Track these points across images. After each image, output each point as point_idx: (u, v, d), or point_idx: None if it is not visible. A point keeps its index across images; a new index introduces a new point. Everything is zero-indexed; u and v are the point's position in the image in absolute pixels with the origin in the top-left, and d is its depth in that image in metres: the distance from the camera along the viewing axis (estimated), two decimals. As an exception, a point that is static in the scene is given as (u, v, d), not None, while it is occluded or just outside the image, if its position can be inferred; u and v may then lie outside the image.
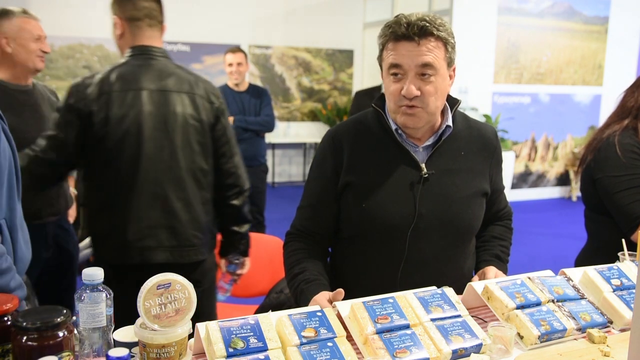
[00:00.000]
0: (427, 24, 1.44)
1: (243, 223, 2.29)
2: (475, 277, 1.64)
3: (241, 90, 4.66)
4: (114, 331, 1.18)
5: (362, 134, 1.60)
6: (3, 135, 1.44)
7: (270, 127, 4.74)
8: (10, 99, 2.41)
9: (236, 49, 4.65)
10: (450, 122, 1.58)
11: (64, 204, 2.63)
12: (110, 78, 2.03)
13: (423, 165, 1.55)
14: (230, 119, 4.24)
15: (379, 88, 4.16)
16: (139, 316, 1.11)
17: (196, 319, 1.16)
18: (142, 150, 2.01)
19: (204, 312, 2.10)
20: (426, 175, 1.54)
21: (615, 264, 1.61)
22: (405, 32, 1.44)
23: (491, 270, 1.61)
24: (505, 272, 1.66)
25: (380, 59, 1.55)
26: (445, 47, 1.48)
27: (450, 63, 1.52)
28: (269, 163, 8.99)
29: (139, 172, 2.02)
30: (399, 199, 1.53)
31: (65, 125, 1.99)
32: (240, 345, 1.10)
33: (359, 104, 4.20)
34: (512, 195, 7.72)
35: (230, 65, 4.57)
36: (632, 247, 1.71)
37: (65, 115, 2.00)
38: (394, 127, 1.56)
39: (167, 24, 2.40)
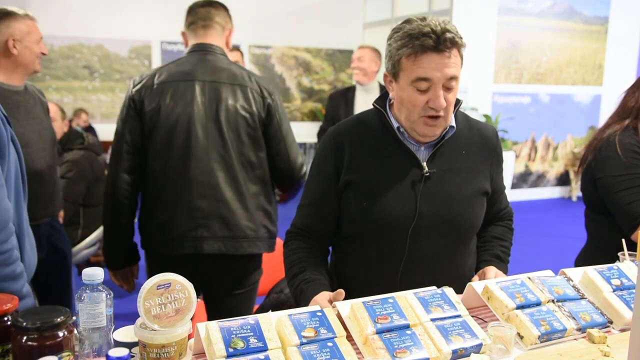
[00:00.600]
0: (453, 35, 1.43)
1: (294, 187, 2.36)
2: (475, 277, 1.64)
3: None
4: (114, 331, 1.18)
5: (363, 132, 1.60)
6: (11, 142, 1.45)
7: None
8: (6, 100, 2.38)
9: (232, 48, 4.61)
10: (454, 123, 1.58)
11: (57, 205, 2.63)
12: (165, 70, 2.15)
13: (424, 164, 1.55)
14: None
15: (353, 88, 4.21)
16: None
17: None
18: (192, 140, 2.06)
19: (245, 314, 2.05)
20: (427, 174, 1.54)
21: (615, 264, 1.61)
22: (434, 44, 1.41)
23: (491, 270, 1.61)
24: (505, 272, 1.66)
25: (397, 67, 1.49)
26: (461, 54, 1.49)
27: None
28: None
29: (190, 161, 2.06)
30: (400, 197, 1.53)
31: (125, 118, 2.11)
32: (240, 345, 1.10)
33: (333, 105, 4.23)
34: (512, 195, 7.72)
35: None
36: (632, 247, 1.71)
37: (123, 109, 2.12)
38: (395, 125, 1.56)
39: (167, 24, 2.43)
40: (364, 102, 4.04)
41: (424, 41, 1.41)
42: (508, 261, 1.73)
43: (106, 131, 7.98)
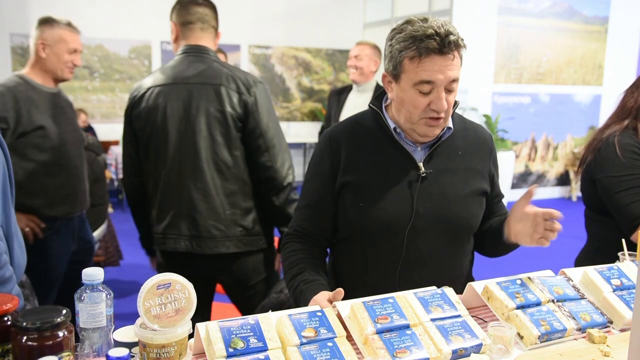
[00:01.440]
0: (456, 37, 1.43)
1: (288, 223, 2.26)
2: (510, 220, 1.51)
3: None
4: (114, 331, 1.18)
5: (359, 133, 1.61)
6: None
7: None
8: (45, 100, 2.56)
9: (221, 50, 4.51)
10: (451, 124, 1.58)
11: (87, 199, 2.84)
12: (153, 75, 2.24)
13: (421, 165, 1.55)
14: None
15: (349, 88, 4.06)
16: None
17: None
18: (166, 142, 2.14)
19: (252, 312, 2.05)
20: (424, 175, 1.54)
21: (615, 264, 1.61)
22: (438, 46, 1.41)
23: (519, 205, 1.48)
24: None
25: (399, 68, 1.48)
26: (461, 56, 1.49)
27: None
28: (269, 163, 9.00)
29: (165, 163, 2.15)
30: (397, 198, 1.53)
31: (124, 125, 2.25)
32: (240, 345, 1.10)
33: (329, 104, 4.16)
34: (512, 195, 7.71)
35: None
36: (632, 247, 1.71)
37: (125, 111, 2.25)
38: (392, 126, 1.56)
39: (167, 24, 2.46)
40: (353, 105, 3.84)
41: (429, 44, 1.41)
42: None
43: (106, 131, 7.98)
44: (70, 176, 2.65)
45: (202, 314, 2.27)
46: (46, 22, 2.60)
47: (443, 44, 1.41)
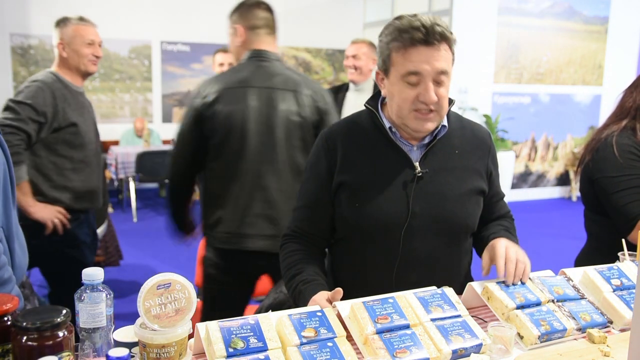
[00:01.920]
0: (443, 29, 1.43)
1: None
2: (485, 255, 1.55)
3: None
4: (114, 331, 1.18)
5: (355, 133, 1.61)
6: None
7: None
8: (75, 99, 2.65)
9: (227, 49, 4.49)
10: (445, 122, 1.57)
11: (101, 196, 2.95)
12: (224, 77, 2.27)
13: (417, 164, 1.55)
14: None
15: (345, 87, 3.98)
16: (237, 290, 1.12)
17: None
18: (246, 143, 2.17)
19: None
20: (420, 174, 1.54)
21: (615, 264, 1.61)
22: (423, 37, 1.42)
23: (500, 241, 1.51)
24: (516, 243, 1.61)
25: (388, 62, 1.50)
26: (451, 50, 1.49)
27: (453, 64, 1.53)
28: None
29: (242, 164, 2.19)
30: (393, 197, 1.53)
31: (188, 124, 2.25)
32: (240, 345, 1.10)
33: None
34: (512, 195, 7.72)
35: (221, 65, 4.20)
36: (632, 247, 1.71)
37: (187, 116, 2.25)
38: (387, 125, 1.56)
39: (167, 24, 2.50)
40: (353, 105, 3.78)
41: (414, 34, 1.42)
42: (516, 238, 1.70)
43: (106, 131, 7.97)
44: (92, 173, 2.76)
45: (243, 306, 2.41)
46: (60, 22, 2.68)
47: (428, 34, 1.41)
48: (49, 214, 2.57)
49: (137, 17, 8.00)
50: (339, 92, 3.94)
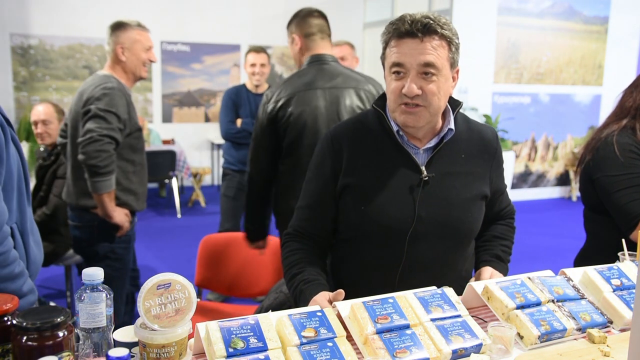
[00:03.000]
0: (431, 22, 1.43)
1: None
2: (472, 279, 1.63)
3: (258, 93, 4.28)
4: (114, 331, 1.18)
5: (361, 135, 1.59)
6: (11, 141, 1.47)
7: None
8: (127, 100, 2.70)
9: (259, 49, 4.39)
10: (452, 125, 1.56)
11: None
12: (291, 83, 2.50)
13: (423, 168, 1.54)
14: (238, 122, 4.21)
15: None
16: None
17: None
18: (317, 139, 2.26)
19: None
20: (426, 178, 1.53)
21: (615, 264, 1.61)
22: (408, 28, 1.43)
23: (487, 270, 1.60)
24: (505, 272, 1.66)
25: (382, 57, 1.54)
26: (449, 46, 1.47)
27: (453, 64, 1.50)
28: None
29: None
30: (399, 201, 1.53)
31: (262, 127, 2.47)
32: (240, 345, 1.10)
33: None
34: (512, 195, 7.70)
35: (253, 65, 4.28)
36: (632, 247, 1.71)
37: (262, 120, 2.47)
38: (395, 128, 1.54)
39: (167, 24, 2.54)
40: None
41: (400, 26, 1.45)
42: (509, 260, 1.73)
43: (106, 131, 7.98)
44: (146, 175, 2.86)
45: None
46: (119, 26, 2.76)
47: (414, 26, 1.42)
48: (124, 218, 2.70)
49: (138, 17, 7.94)
50: None
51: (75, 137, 2.64)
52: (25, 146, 7.06)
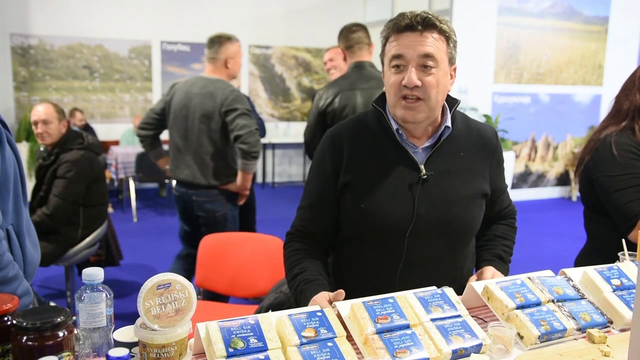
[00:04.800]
0: (430, 16, 1.47)
1: None
2: (473, 277, 1.64)
3: None
4: (114, 331, 1.18)
5: (362, 133, 1.60)
6: (7, 143, 1.47)
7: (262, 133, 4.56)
8: None
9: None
10: (449, 123, 1.57)
11: None
12: (338, 84, 3.20)
13: (422, 167, 1.54)
14: None
15: None
16: None
17: None
18: None
19: None
20: (425, 177, 1.53)
21: (615, 264, 1.61)
22: (408, 22, 1.46)
23: (488, 270, 1.61)
24: (506, 272, 1.66)
25: (382, 54, 1.56)
26: (447, 41, 1.49)
27: (451, 60, 1.52)
28: (269, 163, 9.00)
29: None
30: (398, 199, 1.53)
31: (315, 121, 3.23)
32: (240, 345, 1.10)
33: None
34: (512, 195, 7.67)
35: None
36: (632, 247, 1.71)
37: (315, 115, 3.22)
38: (395, 127, 1.55)
39: (167, 24, 2.53)
40: None
41: (399, 21, 1.48)
42: (510, 260, 1.73)
43: (106, 131, 7.98)
44: None
45: None
46: (226, 39, 3.34)
47: (413, 20, 1.46)
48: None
49: (137, 17, 7.99)
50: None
51: (204, 130, 3.25)
52: (25, 146, 7.06)
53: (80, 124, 7.07)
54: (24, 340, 1.04)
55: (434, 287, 1.39)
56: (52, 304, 3.42)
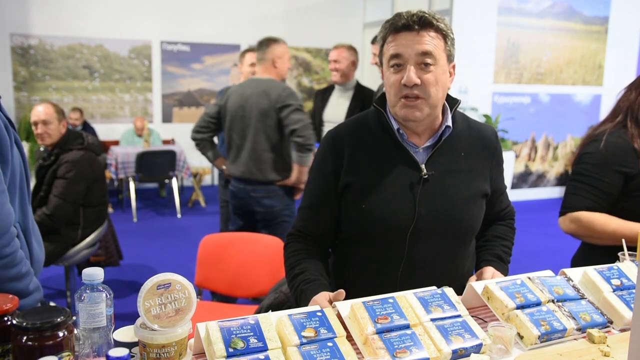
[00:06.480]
0: (427, 15, 1.48)
1: None
2: (473, 277, 1.64)
3: None
4: (114, 331, 1.18)
5: (362, 134, 1.60)
6: (14, 143, 1.50)
7: None
8: None
9: (255, 49, 4.49)
10: (449, 123, 1.57)
11: None
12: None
13: (423, 166, 1.54)
14: None
15: (332, 87, 4.34)
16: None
17: None
18: None
19: None
20: (426, 176, 1.54)
21: (615, 264, 1.61)
22: (405, 22, 1.47)
23: (488, 270, 1.61)
24: (505, 272, 1.66)
25: (380, 55, 1.56)
26: (444, 39, 1.50)
27: (450, 57, 1.53)
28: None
29: None
30: (399, 199, 1.53)
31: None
32: (240, 345, 1.10)
33: (315, 102, 4.40)
34: (512, 195, 7.71)
35: (253, 65, 4.22)
36: (632, 247, 1.71)
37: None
38: (395, 127, 1.55)
39: (167, 24, 2.52)
40: (335, 103, 4.25)
41: (397, 22, 1.48)
42: (509, 261, 1.73)
43: (106, 131, 7.98)
44: None
45: None
46: (274, 41, 3.50)
47: (410, 20, 1.46)
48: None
49: (137, 17, 7.99)
50: (326, 92, 4.37)
51: (261, 128, 3.36)
52: (25, 146, 7.06)
53: (77, 123, 7.04)
54: (24, 340, 1.04)
55: (434, 287, 1.39)
56: (52, 304, 3.42)
